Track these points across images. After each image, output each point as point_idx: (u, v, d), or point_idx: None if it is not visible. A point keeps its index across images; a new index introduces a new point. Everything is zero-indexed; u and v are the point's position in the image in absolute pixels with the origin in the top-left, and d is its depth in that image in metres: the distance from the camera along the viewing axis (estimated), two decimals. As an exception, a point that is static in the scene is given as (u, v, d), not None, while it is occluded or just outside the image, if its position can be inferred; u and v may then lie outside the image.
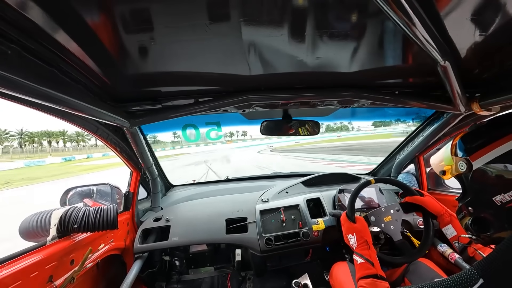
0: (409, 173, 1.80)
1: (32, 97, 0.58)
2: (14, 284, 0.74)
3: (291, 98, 1.03)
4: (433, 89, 1.05)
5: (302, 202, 1.60)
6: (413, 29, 0.52)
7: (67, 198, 1.33)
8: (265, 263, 1.59)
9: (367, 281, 0.86)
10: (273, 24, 0.61)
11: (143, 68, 0.80)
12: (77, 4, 0.50)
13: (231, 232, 1.48)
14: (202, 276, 1.76)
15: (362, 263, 0.93)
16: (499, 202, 0.56)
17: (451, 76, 0.76)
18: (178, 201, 1.85)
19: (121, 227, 1.34)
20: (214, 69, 0.84)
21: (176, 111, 1.06)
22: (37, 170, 24.19)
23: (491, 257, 0.47)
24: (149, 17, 0.55)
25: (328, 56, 0.78)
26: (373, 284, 0.84)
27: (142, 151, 1.36)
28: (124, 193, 1.48)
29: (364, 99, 1.03)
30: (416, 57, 0.81)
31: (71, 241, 0.99)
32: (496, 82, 0.89)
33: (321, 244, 1.46)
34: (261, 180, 2.20)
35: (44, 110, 0.78)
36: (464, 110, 0.98)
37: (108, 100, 0.98)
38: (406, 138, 1.77)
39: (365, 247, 0.97)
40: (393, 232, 1.13)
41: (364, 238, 1.00)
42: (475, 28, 0.61)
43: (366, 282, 0.86)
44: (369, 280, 0.85)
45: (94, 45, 0.64)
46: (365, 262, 0.92)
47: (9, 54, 0.54)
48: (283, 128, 1.33)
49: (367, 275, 0.88)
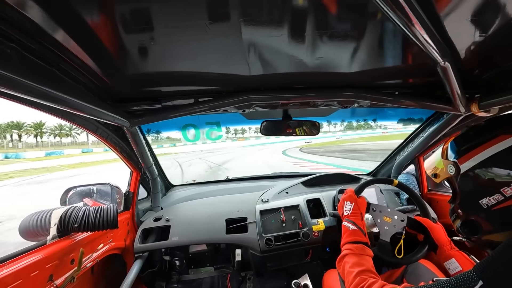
0: (409, 174, 1.80)
1: (32, 97, 0.58)
2: (15, 283, 0.74)
3: (291, 98, 1.03)
4: (433, 89, 1.05)
5: (302, 202, 1.60)
6: (413, 30, 0.52)
7: (67, 198, 1.34)
8: (265, 263, 1.59)
9: (357, 246, 0.87)
10: (273, 24, 0.61)
11: (143, 68, 0.80)
12: (77, 4, 0.50)
13: (231, 232, 1.49)
14: (202, 276, 1.77)
15: (355, 230, 0.93)
16: (485, 205, 0.58)
17: (451, 77, 0.76)
18: (178, 201, 1.85)
19: (121, 227, 1.34)
20: (214, 69, 0.84)
21: (176, 111, 1.06)
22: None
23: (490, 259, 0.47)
24: (149, 17, 0.55)
25: (328, 56, 0.78)
26: (363, 249, 0.86)
27: (142, 151, 1.37)
28: (124, 192, 1.48)
29: (364, 100, 1.03)
30: (416, 57, 0.81)
31: (71, 241, 0.99)
32: (496, 83, 0.89)
33: (321, 244, 1.46)
34: (261, 180, 2.20)
35: (44, 110, 0.78)
36: (464, 111, 0.98)
37: (108, 100, 0.98)
38: (406, 139, 1.77)
39: (359, 218, 0.98)
40: (383, 231, 1.12)
41: (360, 210, 1.01)
42: (475, 29, 0.61)
43: (355, 246, 0.87)
44: (360, 245, 0.87)
45: (94, 44, 0.64)
46: (357, 230, 0.93)
47: (9, 53, 0.54)
48: (283, 128, 1.33)
49: (358, 241, 0.89)
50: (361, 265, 0.80)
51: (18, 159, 32.21)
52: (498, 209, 0.56)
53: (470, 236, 0.66)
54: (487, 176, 0.57)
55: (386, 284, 0.68)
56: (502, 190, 0.54)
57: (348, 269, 0.82)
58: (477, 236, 0.63)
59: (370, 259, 0.84)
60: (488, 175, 0.57)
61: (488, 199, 0.57)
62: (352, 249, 0.86)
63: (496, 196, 0.55)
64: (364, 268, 0.79)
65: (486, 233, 0.61)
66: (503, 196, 0.54)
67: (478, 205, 0.59)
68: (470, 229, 0.65)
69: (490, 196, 0.56)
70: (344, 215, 1.03)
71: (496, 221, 0.58)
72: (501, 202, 0.55)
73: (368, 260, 0.83)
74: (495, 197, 0.55)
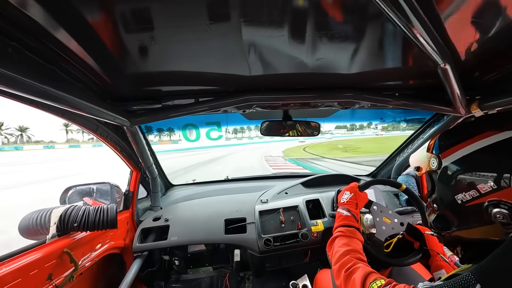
0: (408, 175, 1.80)
1: (32, 95, 0.59)
2: (14, 282, 0.74)
3: (291, 98, 1.03)
4: (433, 91, 1.05)
5: (301, 203, 1.60)
6: (414, 31, 0.52)
7: (67, 197, 1.34)
8: (264, 264, 1.59)
9: (348, 229, 0.89)
10: (274, 25, 0.61)
11: (143, 67, 0.80)
12: (78, 3, 0.50)
13: (230, 232, 1.48)
14: (201, 276, 1.76)
15: (348, 216, 0.95)
16: (460, 200, 0.58)
17: (451, 79, 0.76)
18: (177, 200, 1.85)
19: (120, 226, 1.34)
20: (214, 69, 0.84)
21: (177, 111, 1.06)
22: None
23: (489, 262, 0.47)
24: (149, 16, 0.55)
25: (328, 57, 0.78)
26: (353, 232, 0.88)
27: (142, 150, 1.37)
28: (124, 192, 1.48)
29: (364, 101, 1.03)
30: (416, 59, 0.81)
31: (70, 240, 0.99)
32: (496, 85, 0.89)
33: (320, 245, 1.46)
34: (261, 180, 2.19)
35: (44, 108, 0.78)
36: (464, 113, 0.98)
37: (109, 99, 0.98)
38: (406, 140, 1.77)
39: (354, 207, 1.00)
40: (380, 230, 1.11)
41: (357, 201, 1.03)
42: (475, 31, 0.61)
43: (347, 229, 0.89)
44: (351, 228, 0.89)
45: (94, 43, 0.64)
46: (350, 216, 0.95)
47: (10, 52, 0.54)
48: (283, 128, 1.33)
49: (350, 225, 0.91)
50: (349, 245, 0.81)
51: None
52: (472, 206, 0.56)
53: (441, 231, 0.67)
54: (466, 171, 0.58)
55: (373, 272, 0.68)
56: (478, 187, 0.54)
57: (336, 248, 0.83)
58: (448, 231, 0.64)
59: (359, 243, 0.86)
60: (467, 170, 0.57)
61: (464, 194, 0.57)
62: (343, 231, 0.88)
63: (471, 192, 0.55)
64: (352, 248, 0.80)
65: (457, 228, 0.62)
66: (478, 192, 0.54)
67: (454, 200, 0.59)
68: (442, 224, 0.65)
69: (466, 192, 0.56)
70: (340, 203, 1.05)
71: (468, 217, 0.58)
72: (475, 198, 0.55)
73: (357, 243, 0.85)
74: (470, 193, 0.56)
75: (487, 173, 0.53)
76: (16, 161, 21.95)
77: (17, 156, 30.71)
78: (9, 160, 23.81)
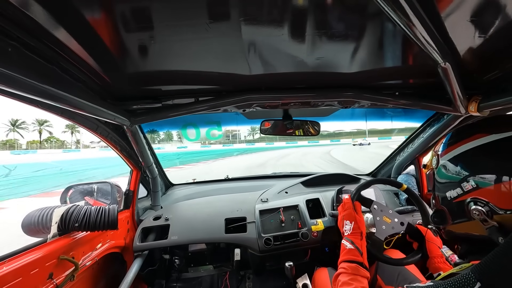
0: (408, 174, 1.80)
1: (32, 95, 0.59)
2: (15, 281, 0.74)
3: (291, 98, 1.02)
4: (434, 90, 1.04)
5: (301, 202, 1.60)
6: (414, 30, 0.52)
7: (68, 196, 1.34)
8: (264, 263, 1.59)
9: (351, 265, 0.87)
10: (274, 24, 0.60)
11: (143, 67, 0.80)
12: (77, 2, 0.50)
13: (230, 231, 1.49)
14: (201, 275, 1.77)
15: (352, 249, 0.93)
16: (449, 197, 0.64)
17: (452, 78, 0.76)
18: (177, 199, 1.85)
19: (121, 226, 1.34)
20: (214, 68, 0.84)
21: (177, 110, 1.06)
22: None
23: (489, 260, 0.47)
24: (149, 16, 0.55)
25: (328, 56, 0.78)
26: (356, 269, 0.85)
27: (142, 149, 1.37)
28: (125, 191, 1.48)
29: (365, 100, 1.03)
30: (416, 58, 0.81)
31: (71, 239, 1.00)
32: (497, 84, 0.88)
33: (320, 244, 1.46)
34: (261, 180, 2.19)
35: (44, 108, 0.78)
36: (464, 112, 0.97)
37: (109, 98, 0.98)
38: (406, 139, 1.77)
39: (358, 238, 0.98)
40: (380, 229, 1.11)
41: (360, 229, 1.01)
42: (475, 29, 0.60)
43: (349, 265, 0.87)
44: (354, 265, 0.87)
45: (94, 43, 0.64)
46: (354, 249, 0.93)
47: (9, 51, 0.54)
48: (283, 128, 1.33)
49: (353, 260, 0.89)
50: (351, 284, 0.80)
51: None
52: (456, 202, 0.61)
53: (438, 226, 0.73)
54: (454, 170, 0.62)
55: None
56: (461, 185, 0.59)
57: (338, 287, 0.83)
58: (443, 226, 0.70)
59: (363, 280, 0.83)
60: (455, 169, 0.62)
61: (452, 191, 0.62)
62: (346, 268, 0.87)
63: (457, 190, 0.61)
64: (354, 287, 0.79)
65: (448, 223, 0.67)
66: (462, 190, 0.59)
67: (445, 196, 0.65)
68: (439, 219, 0.71)
69: (454, 189, 0.62)
70: (344, 234, 1.03)
71: (456, 213, 0.63)
72: (460, 195, 0.60)
73: (360, 281, 0.82)
74: (456, 190, 0.61)
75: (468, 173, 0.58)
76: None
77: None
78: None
